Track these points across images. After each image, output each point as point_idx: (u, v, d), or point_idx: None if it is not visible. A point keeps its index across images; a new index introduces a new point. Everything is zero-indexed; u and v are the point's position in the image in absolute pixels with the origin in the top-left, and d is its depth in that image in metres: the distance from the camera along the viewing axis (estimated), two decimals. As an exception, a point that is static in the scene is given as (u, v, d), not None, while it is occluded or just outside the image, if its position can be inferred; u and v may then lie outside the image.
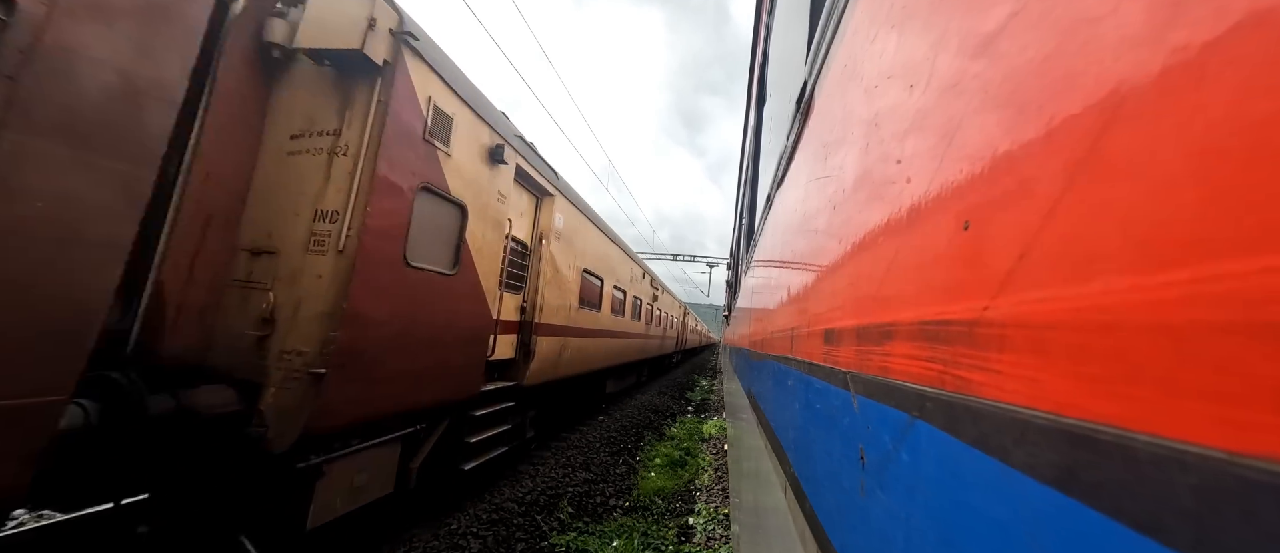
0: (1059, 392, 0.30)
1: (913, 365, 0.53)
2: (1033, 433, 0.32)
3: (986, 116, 0.42)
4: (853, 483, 0.69)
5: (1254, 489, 0.19)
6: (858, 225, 0.78)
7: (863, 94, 0.81)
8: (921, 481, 0.48)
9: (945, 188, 0.49)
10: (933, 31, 0.55)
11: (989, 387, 0.38)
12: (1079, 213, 0.30)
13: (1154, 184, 0.25)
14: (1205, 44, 0.23)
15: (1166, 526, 0.22)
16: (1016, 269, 0.36)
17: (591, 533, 4.61)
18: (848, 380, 0.76)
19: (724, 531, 4.92)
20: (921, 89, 0.57)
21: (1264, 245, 0.19)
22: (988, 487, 0.37)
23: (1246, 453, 0.19)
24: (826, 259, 1.00)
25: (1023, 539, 0.33)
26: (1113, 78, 0.28)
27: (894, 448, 0.56)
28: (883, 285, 0.64)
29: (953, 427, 0.43)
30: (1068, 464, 0.29)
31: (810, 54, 1.39)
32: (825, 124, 1.13)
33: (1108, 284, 0.27)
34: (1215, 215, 0.22)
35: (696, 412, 12.07)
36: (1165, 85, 0.25)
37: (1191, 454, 0.21)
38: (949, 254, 0.47)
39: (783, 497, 1.34)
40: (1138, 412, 0.24)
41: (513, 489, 5.37)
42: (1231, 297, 0.21)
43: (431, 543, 4.06)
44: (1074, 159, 0.31)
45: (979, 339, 0.40)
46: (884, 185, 0.67)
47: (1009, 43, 0.40)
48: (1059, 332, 0.31)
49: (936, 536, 0.45)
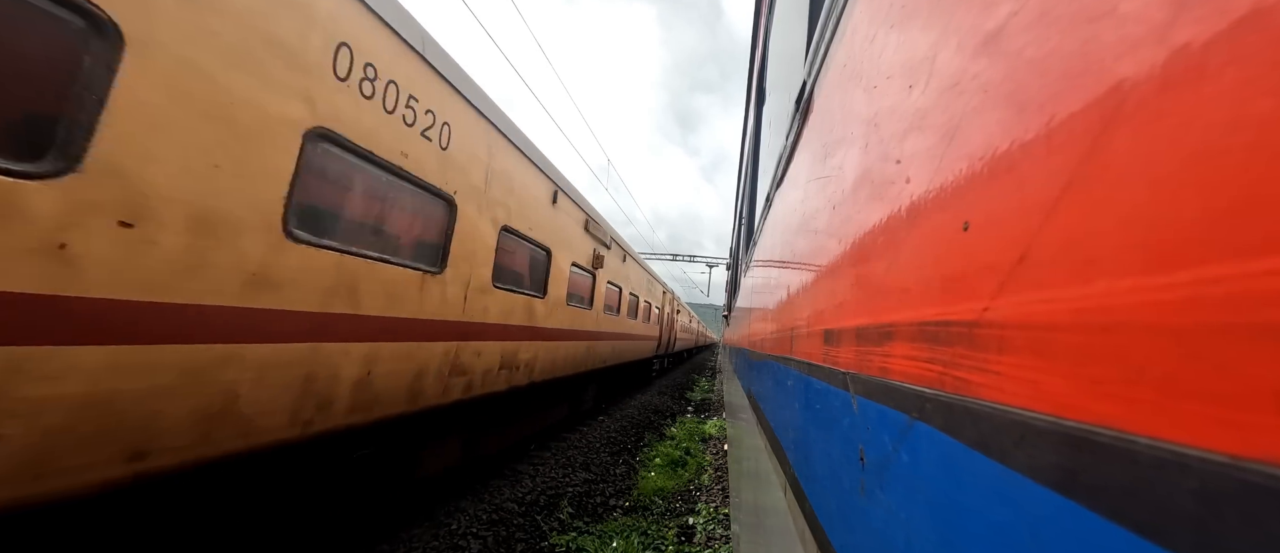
0: (1059, 393, 0.30)
1: (912, 366, 0.52)
2: (1032, 435, 0.32)
3: (986, 116, 0.42)
4: (852, 484, 0.69)
5: (1256, 493, 0.19)
6: (857, 226, 0.78)
7: (862, 93, 0.81)
8: (921, 482, 0.48)
9: (945, 188, 0.49)
10: (932, 30, 0.55)
11: (989, 388, 0.38)
12: (1079, 213, 0.30)
13: (1155, 185, 0.25)
14: (1208, 42, 0.22)
15: (1167, 529, 0.22)
16: (1016, 270, 0.36)
17: (591, 533, 4.61)
18: (847, 381, 0.76)
19: (724, 530, 4.92)
20: (921, 89, 0.57)
21: (1267, 247, 0.19)
22: (987, 488, 0.37)
23: (1249, 456, 0.19)
24: (826, 259, 1.00)
25: (1022, 541, 0.33)
26: (1114, 77, 0.28)
27: (893, 449, 0.56)
28: (882, 286, 0.64)
29: (952, 428, 0.43)
30: (1068, 466, 0.29)
31: (809, 53, 1.39)
32: (824, 124, 1.13)
33: (1108, 285, 0.27)
34: (1217, 216, 0.21)
35: (697, 412, 12.07)
36: (1167, 84, 0.25)
37: (1193, 457, 0.21)
38: (949, 255, 0.47)
39: (782, 497, 1.33)
40: (1139, 414, 0.24)
41: (513, 489, 5.36)
42: (1234, 298, 0.20)
43: (431, 543, 4.05)
44: (1074, 159, 0.31)
45: (979, 340, 0.40)
46: (883, 185, 0.67)
47: (1009, 42, 0.40)
48: (1059, 333, 0.31)
49: (936, 537, 0.45)
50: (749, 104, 5.36)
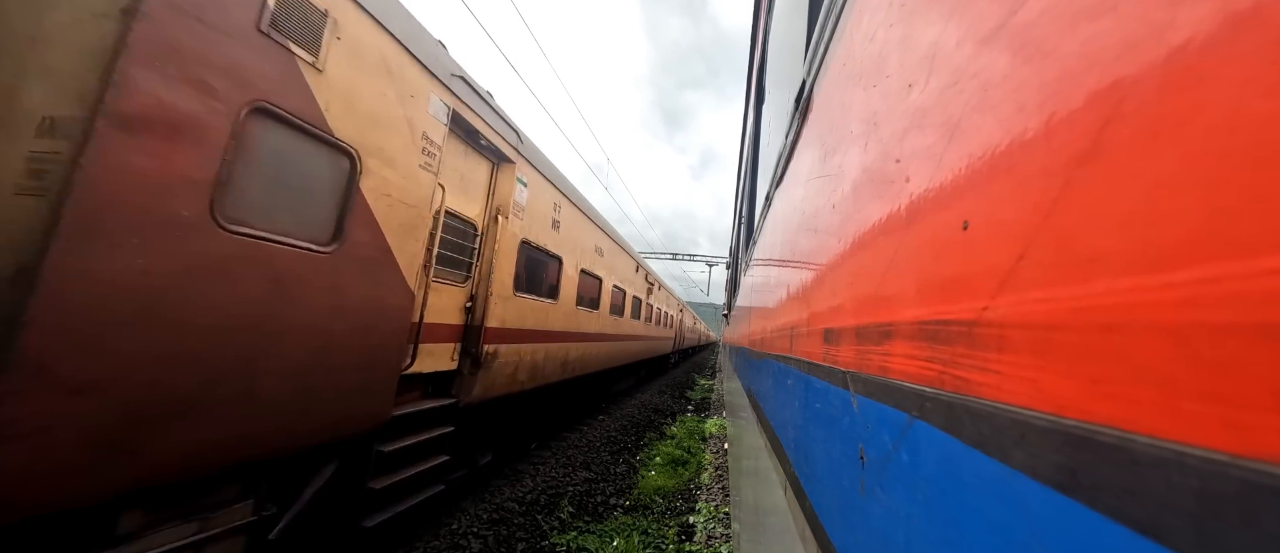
0: (1058, 393, 0.30)
1: (912, 365, 0.53)
2: (1032, 434, 0.32)
3: (986, 115, 0.42)
4: (852, 482, 0.69)
5: (1255, 491, 0.19)
6: (857, 225, 0.78)
7: (861, 92, 0.81)
8: (921, 480, 0.48)
9: (944, 187, 0.49)
10: (932, 29, 0.55)
11: (988, 387, 0.38)
12: (1078, 213, 0.30)
13: (1154, 184, 0.25)
14: (1207, 42, 0.23)
15: (1166, 527, 0.22)
16: (1016, 269, 0.36)
17: (592, 532, 4.62)
18: (847, 380, 0.76)
19: (725, 529, 4.93)
20: (921, 87, 0.57)
21: (1265, 247, 0.19)
22: (987, 487, 0.37)
23: (1247, 455, 0.19)
24: (826, 258, 1.00)
25: (1022, 540, 0.33)
26: (1113, 76, 0.28)
27: (893, 448, 0.56)
28: (882, 285, 0.64)
29: (952, 427, 0.43)
30: (1067, 465, 0.29)
31: (809, 52, 1.39)
32: (824, 123, 1.13)
33: (1107, 285, 0.27)
34: (1216, 216, 0.21)
35: (697, 410, 12.07)
36: (1166, 84, 0.25)
37: (1192, 456, 0.21)
38: (948, 254, 0.47)
39: (783, 495, 1.34)
40: (1138, 413, 0.24)
41: (513, 489, 5.37)
42: (1232, 298, 0.20)
43: (432, 543, 4.06)
44: (1074, 158, 0.31)
45: (978, 339, 0.40)
46: (883, 185, 0.67)
47: (1008, 41, 0.40)
48: (1058, 332, 0.31)
49: (936, 535, 0.45)
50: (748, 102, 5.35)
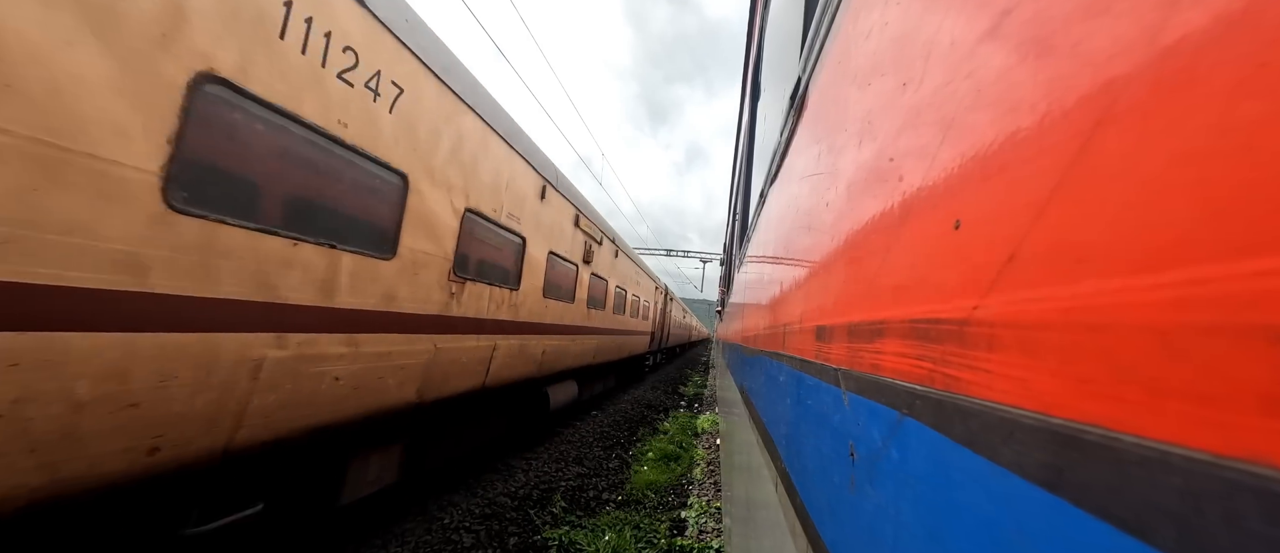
0: (1047, 391, 0.30)
1: (903, 363, 0.53)
2: (1020, 432, 0.32)
3: (979, 115, 0.42)
4: (842, 478, 0.70)
5: (1237, 490, 0.19)
6: (850, 223, 0.78)
7: (856, 90, 0.81)
8: (910, 477, 0.49)
9: (937, 186, 0.49)
10: (926, 28, 0.55)
11: (978, 385, 0.38)
12: (1069, 213, 0.30)
13: (1144, 185, 0.25)
14: (1198, 44, 0.23)
15: (1151, 526, 0.22)
16: (1007, 269, 0.36)
17: (584, 527, 4.63)
18: (838, 377, 0.77)
19: (716, 524, 4.96)
20: (915, 86, 0.57)
21: (1253, 248, 0.19)
22: (975, 484, 0.37)
23: (1231, 455, 0.19)
24: (819, 256, 1.00)
25: (1009, 537, 0.33)
26: (1105, 76, 0.28)
27: (883, 445, 0.56)
28: (874, 283, 0.64)
29: (942, 425, 0.43)
30: (1054, 463, 0.29)
31: (804, 49, 1.39)
32: (818, 120, 1.13)
33: (1096, 285, 0.27)
34: (1205, 217, 0.22)
35: (689, 406, 12.12)
36: (1157, 85, 0.25)
37: (1177, 455, 0.21)
38: (940, 253, 0.47)
39: (773, 491, 1.34)
40: (1124, 412, 0.25)
41: (506, 484, 5.37)
42: (1219, 299, 0.21)
43: (424, 538, 4.05)
44: (1066, 159, 0.31)
45: (969, 338, 0.40)
46: (876, 183, 0.67)
47: (1002, 40, 0.40)
48: (1048, 332, 0.31)
49: (924, 531, 0.45)
50: (744, 99, 5.35)
